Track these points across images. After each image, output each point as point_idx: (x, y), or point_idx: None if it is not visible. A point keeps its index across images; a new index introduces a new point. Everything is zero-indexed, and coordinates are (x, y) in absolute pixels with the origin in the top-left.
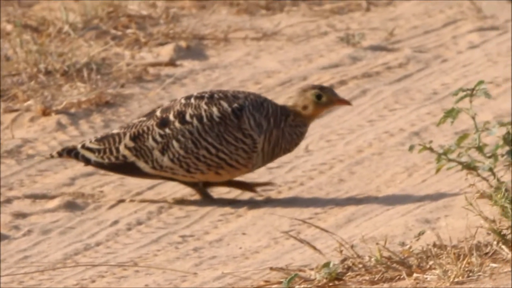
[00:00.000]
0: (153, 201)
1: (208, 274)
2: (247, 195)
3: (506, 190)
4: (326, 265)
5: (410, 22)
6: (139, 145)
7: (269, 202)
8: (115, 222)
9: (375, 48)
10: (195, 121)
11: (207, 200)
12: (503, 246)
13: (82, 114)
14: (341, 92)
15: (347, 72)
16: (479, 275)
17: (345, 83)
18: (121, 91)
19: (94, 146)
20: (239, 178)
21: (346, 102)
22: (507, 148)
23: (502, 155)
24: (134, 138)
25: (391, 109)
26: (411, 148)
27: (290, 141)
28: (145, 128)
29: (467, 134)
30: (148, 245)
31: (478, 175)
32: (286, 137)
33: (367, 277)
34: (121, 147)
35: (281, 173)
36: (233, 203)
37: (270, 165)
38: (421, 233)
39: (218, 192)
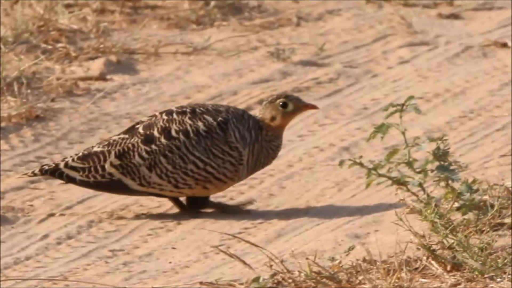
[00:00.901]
0: (83, 215)
1: None
2: (176, 209)
3: (436, 205)
4: (256, 279)
5: (340, 37)
6: (126, 162)
7: (199, 216)
8: (45, 236)
9: (305, 63)
10: (181, 136)
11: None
12: (433, 262)
13: (12, 128)
14: None
15: (277, 87)
16: None
17: None
18: (52, 106)
19: (77, 164)
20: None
21: (313, 106)
22: (436, 163)
23: (432, 171)
24: (119, 155)
25: (321, 124)
26: (341, 163)
27: (267, 155)
28: (130, 146)
29: (397, 149)
30: (78, 259)
31: (408, 190)
32: (263, 151)
33: None
34: (107, 165)
35: None
36: (163, 217)
37: None
38: (351, 248)
39: (148, 206)
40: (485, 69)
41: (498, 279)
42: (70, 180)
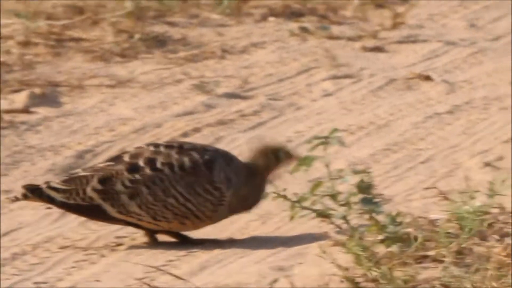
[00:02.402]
0: (7, 248)
1: None
2: (100, 242)
3: (360, 238)
4: None
5: (264, 70)
6: (107, 188)
7: (123, 248)
8: None
9: (229, 96)
10: (166, 169)
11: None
12: None
13: None
14: (196, 139)
15: (201, 120)
16: None
17: (200, 131)
18: None
19: (60, 186)
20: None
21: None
22: (360, 196)
23: (356, 203)
24: (102, 181)
25: (245, 157)
26: (265, 195)
27: (252, 201)
28: (113, 172)
29: (321, 182)
30: None
31: (332, 222)
32: (250, 196)
33: None
34: (88, 189)
35: None
36: (87, 250)
37: None
38: (275, 281)
39: (72, 238)
40: (409, 102)
41: None
42: (49, 200)
